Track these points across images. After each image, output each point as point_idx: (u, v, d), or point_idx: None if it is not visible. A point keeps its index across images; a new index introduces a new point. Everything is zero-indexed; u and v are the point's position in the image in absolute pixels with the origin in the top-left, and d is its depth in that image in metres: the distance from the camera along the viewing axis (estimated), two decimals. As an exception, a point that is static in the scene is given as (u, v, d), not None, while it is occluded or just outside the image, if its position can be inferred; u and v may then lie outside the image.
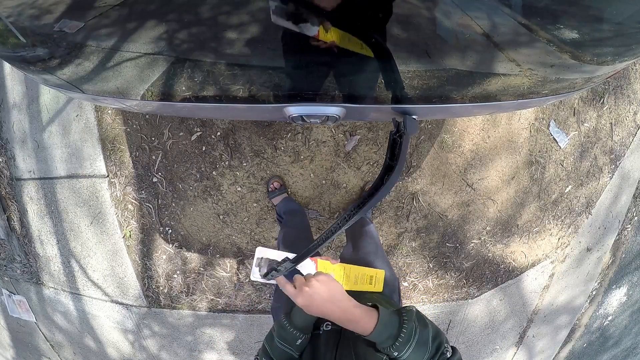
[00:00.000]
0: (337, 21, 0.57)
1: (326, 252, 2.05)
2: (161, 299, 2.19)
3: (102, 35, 0.61)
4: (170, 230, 2.03)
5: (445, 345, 0.67)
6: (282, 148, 1.84)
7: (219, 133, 1.85)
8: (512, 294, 2.34)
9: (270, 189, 1.87)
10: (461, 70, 0.68)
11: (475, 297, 2.26)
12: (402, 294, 1.19)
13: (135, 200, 2.00)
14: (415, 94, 0.71)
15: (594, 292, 2.68)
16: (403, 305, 1.05)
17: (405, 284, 2.15)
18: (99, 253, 2.13)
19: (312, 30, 0.57)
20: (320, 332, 0.80)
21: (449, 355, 0.66)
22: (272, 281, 0.88)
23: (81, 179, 2.01)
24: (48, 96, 1.94)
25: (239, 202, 1.94)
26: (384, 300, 0.97)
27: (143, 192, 1.98)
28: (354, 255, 1.27)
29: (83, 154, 1.96)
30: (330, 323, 0.81)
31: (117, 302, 2.26)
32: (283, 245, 1.37)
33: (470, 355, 2.46)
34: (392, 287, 1.08)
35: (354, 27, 0.58)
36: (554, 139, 2.01)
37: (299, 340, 0.76)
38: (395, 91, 0.71)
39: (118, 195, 2.00)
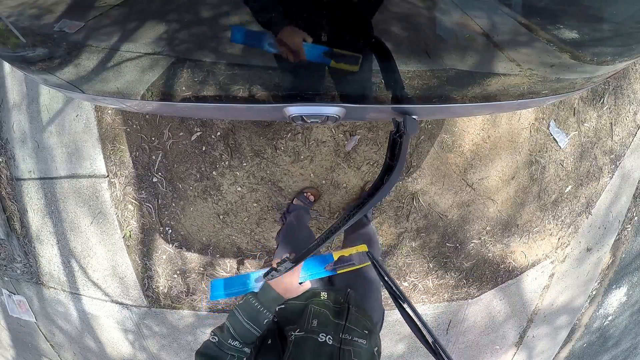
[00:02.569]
0: (337, 21, 0.57)
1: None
2: (161, 299, 2.19)
3: (102, 35, 0.61)
4: (170, 230, 2.03)
5: None
6: (282, 148, 1.84)
7: (219, 133, 1.85)
8: (512, 294, 2.34)
9: (304, 196, 1.86)
10: (461, 70, 0.68)
11: (475, 297, 2.26)
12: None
13: (135, 200, 2.00)
14: (415, 94, 0.71)
15: (594, 292, 2.68)
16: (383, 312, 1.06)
17: (406, 284, 2.15)
18: (99, 253, 2.13)
19: (313, 30, 0.57)
20: (320, 341, 0.80)
21: None
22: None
23: (81, 179, 2.01)
24: (48, 96, 1.94)
25: (239, 202, 1.94)
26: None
27: (143, 192, 1.98)
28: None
29: (83, 154, 1.96)
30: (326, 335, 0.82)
31: (117, 302, 2.26)
32: (283, 244, 1.37)
33: (471, 355, 2.46)
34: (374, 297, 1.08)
35: (354, 27, 0.58)
36: (554, 139, 2.01)
37: (266, 320, 0.80)
38: (395, 91, 0.71)
39: (118, 195, 2.00)
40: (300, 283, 0.88)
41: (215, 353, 0.77)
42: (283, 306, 0.92)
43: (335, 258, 0.94)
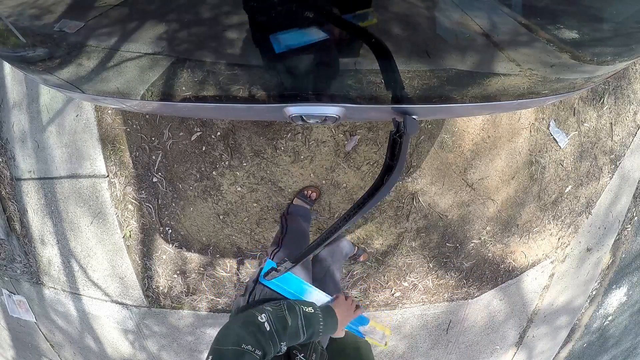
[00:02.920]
0: (337, 21, 0.57)
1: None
2: (161, 299, 2.19)
3: (102, 35, 0.61)
4: (170, 230, 2.03)
5: None
6: (282, 148, 1.84)
7: (219, 133, 1.85)
8: (512, 294, 2.34)
9: (305, 195, 1.85)
10: (461, 70, 0.68)
11: (475, 297, 2.26)
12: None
13: (135, 200, 2.00)
14: (416, 94, 0.71)
15: (594, 292, 2.68)
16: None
17: (405, 284, 2.15)
18: (99, 253, 2.13)
19: (313, 30, 0.57)
20: None
21: None
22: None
23: (81, 179, 2.01)
24: (48, 96, 1.94)
25: (239, 202, 1.94)
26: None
27: (143, 192, 1.98)
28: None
29: (83, 154, 1.96)
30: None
31: (117, 302, 2.26)
32: (284, 247, 1.37)
33: (471, 356, 2.46)
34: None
35: (354, 27, 0.58)
36: (554, 139, 2.01)
37: (313, 341, 0.83)
38: (395, 91, 0.71)
39: (118, 195, 2.00)
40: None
41: (263, 341, 0.69)
42: None
43: (369, 324, 1.05)
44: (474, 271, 2.20)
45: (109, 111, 1.91)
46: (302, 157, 1.86)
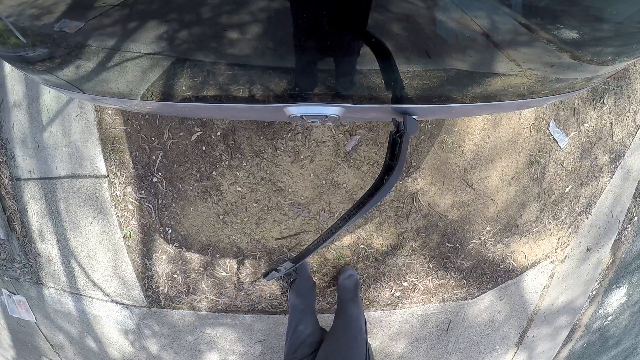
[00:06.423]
0: (337, 20, 0.57)
1: (326, 253, 2.05)
2: (161, 299, 2.19)
3: (102, 35, 0.61)
4: (170, 230, 2.03)
5: None
6: (282, 148, 1.84)
7: (219, 133, 1.85)
8: (512, 294, 2.34)
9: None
10: (461, 70, 0.68)
11: (475, 297, 2.26)
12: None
13: (135, 200, 2.00)
14: (416, 94, 0.71)
15: (594, 292, 2.68)
16: None
17: (405, 284, 2.15)
18: (99, 253, 2.13)
19: (313, 30, 0.57)
20: None
21: None
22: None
23: (81, 179, 2.01)
24: (48, 96, 1.94)
25: (239, 202, 1.94)
26: None
27: (143, 192, 1.98)
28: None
29: (83, 154, 1.96)
30: None
31: (117, 302, 2.26)
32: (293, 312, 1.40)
33: (470, 356, 2.46)
34: None
35: (354, 27, 0.58)
36: (554, 139, 2.01)
37: None
38: (395, 91, 0.71)
39: (118, 195, 2.00)
40: None
41: None
42: None
43: None
44: (474, 271, 2.20)
45: (109, 111, 1.91)
46: (302, 157, 1.86)
